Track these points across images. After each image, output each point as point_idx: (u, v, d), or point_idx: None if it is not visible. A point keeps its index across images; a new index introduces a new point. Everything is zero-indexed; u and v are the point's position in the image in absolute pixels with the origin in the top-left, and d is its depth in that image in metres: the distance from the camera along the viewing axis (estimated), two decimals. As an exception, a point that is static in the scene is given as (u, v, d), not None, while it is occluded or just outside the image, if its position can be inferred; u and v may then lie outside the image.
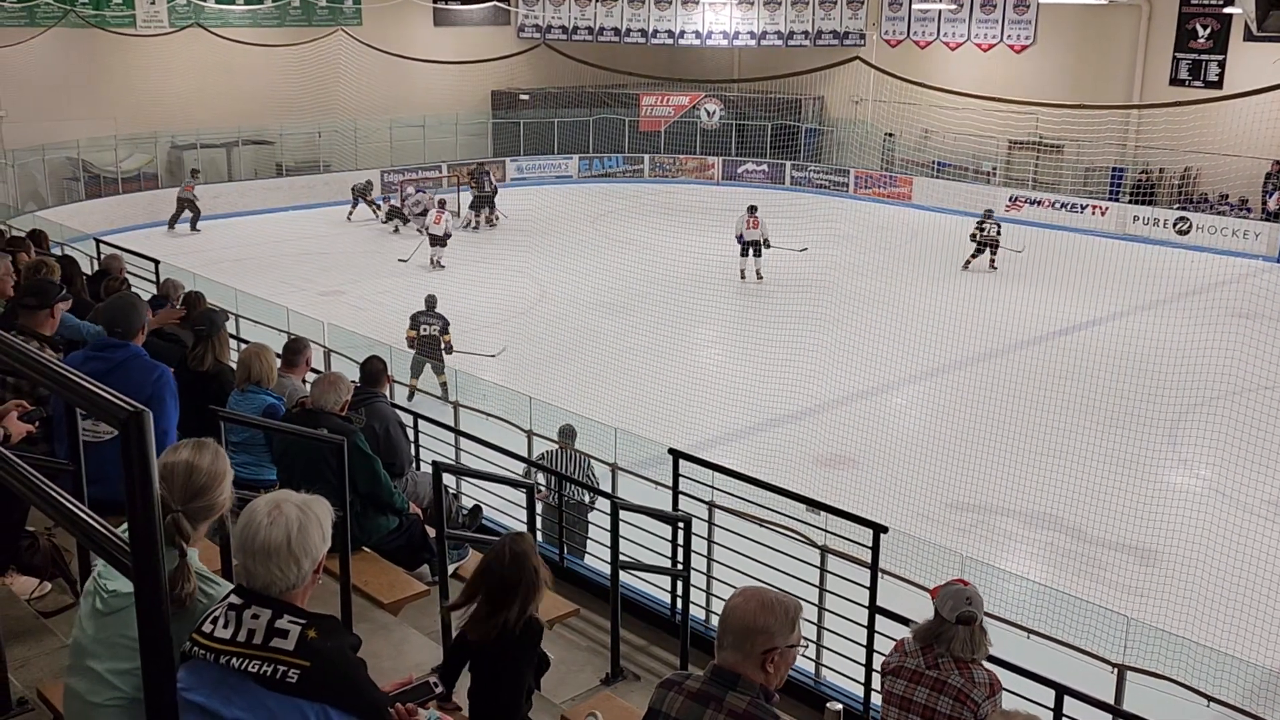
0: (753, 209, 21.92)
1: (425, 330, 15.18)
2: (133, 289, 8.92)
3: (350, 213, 27.23)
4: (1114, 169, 27.37)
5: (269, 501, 2.56)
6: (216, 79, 27.54)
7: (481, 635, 3.96)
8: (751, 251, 21.78)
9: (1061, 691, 5.48)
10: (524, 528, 6.55)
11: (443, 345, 15.07)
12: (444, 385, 14.70)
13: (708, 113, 33.10)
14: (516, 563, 3.95)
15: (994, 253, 22.88)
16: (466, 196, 26.66)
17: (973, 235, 23.05)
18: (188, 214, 25.72)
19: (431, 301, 15.64)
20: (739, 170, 32.38)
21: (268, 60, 27.52)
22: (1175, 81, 26.97)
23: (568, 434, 10.02)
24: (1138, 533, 11.14)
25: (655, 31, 33.57)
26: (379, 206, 27.22)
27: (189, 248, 23.15)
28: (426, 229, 22.64)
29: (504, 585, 3.92)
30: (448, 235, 22.32)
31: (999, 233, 22.92)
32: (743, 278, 21.84)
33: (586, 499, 9.29)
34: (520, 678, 4.08)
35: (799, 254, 20.32)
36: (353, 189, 27.42)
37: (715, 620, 5.35)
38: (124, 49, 26.70)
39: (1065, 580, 10.08)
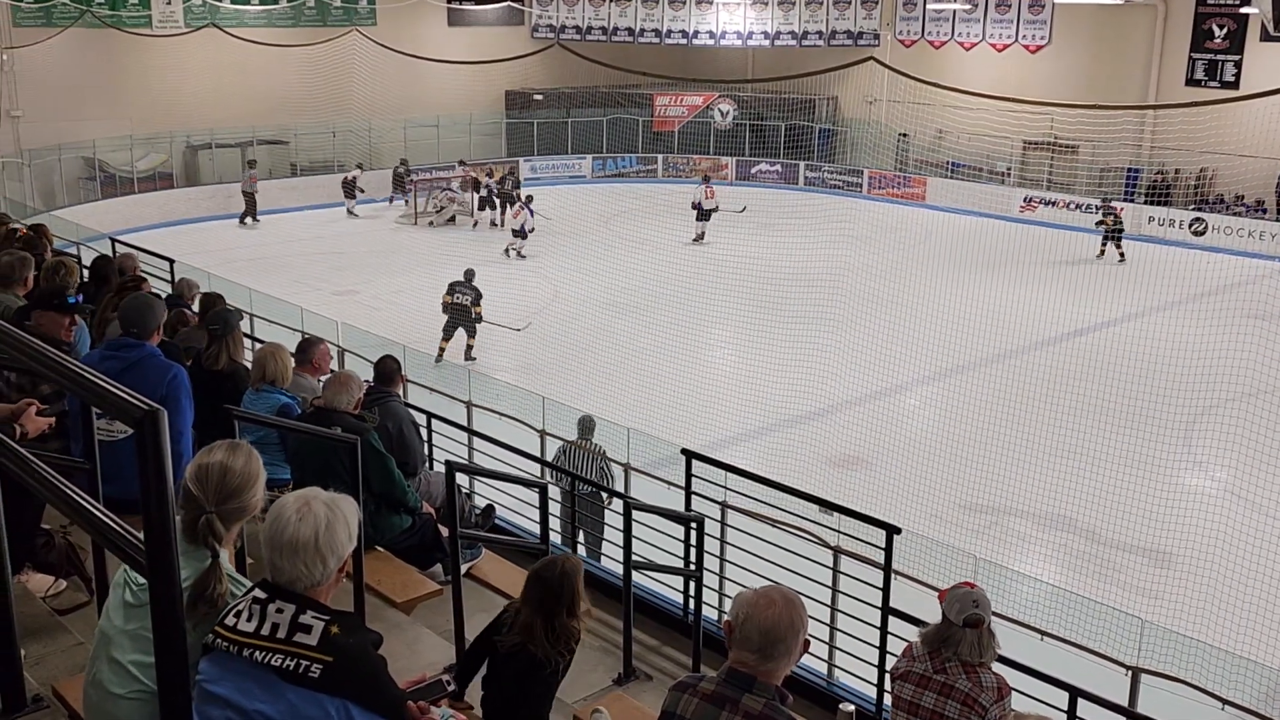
0: (706, 179, 25.34)
1: (458, 299, 16.72)
2: (150, 289, 8.95)
3: (390, 199, 28.34)
4: (1129, 169, 27.25)
5: (298, 498, 2.57)
6: (231, 79, 27.67)
7: (516, 640, 4.17)
8: (705, 217, 24.61)
9: (1075, 694, 5.46)
10: (538, 528, 6.55)
11: (473, 315, 16.70)
12: (470, 347, 16.71)
13: (721, 113, 33.07)
14: (565, 578, 4.26)
15: (1119, 243, 23.30)
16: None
17: (1099, 223, 23.53)
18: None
19: (470, 274, 17.01)
20: (753, 170, 32.35)
21: (282, 60, 27.62)
22: (1191, 82, 26.84)
23: (585, 427, 10.00)
24: (1152, 535, 11.09)
25: (669, 31, 33.56)
26: (407, 191, 28.14)
27: (223, 244, 23.31)
28: (507, 222, 24.56)
29: (554, 595, 4.21)
30: (524, 228, 23.78)
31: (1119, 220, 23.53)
32: (695, 240, 24.60)
33: (603, 495, 9.28)
34: (552, 690, 4.29)
35: (739, 213, 23.74)
36: (394, 172, 28.49)
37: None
38: (140, 49, 26.84)
39: (1079, 582, 10.04)
